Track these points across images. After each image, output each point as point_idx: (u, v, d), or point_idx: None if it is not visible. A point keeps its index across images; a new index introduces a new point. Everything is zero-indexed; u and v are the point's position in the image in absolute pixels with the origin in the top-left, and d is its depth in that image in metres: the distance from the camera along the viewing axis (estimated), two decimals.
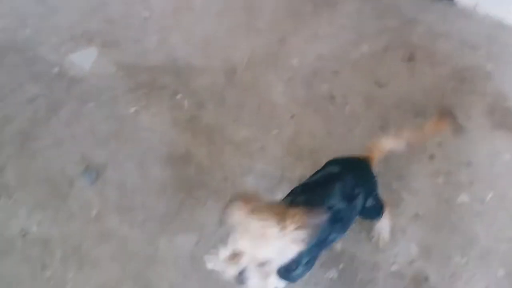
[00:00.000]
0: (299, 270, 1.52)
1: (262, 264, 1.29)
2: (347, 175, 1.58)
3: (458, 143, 2.18)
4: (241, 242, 1.29)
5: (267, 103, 2.29)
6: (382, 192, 1.77)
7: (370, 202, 1.68)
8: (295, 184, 1.86)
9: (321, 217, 1.40)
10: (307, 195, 1.52)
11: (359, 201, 1.60)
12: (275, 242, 1.28)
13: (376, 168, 1.72)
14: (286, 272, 1.50)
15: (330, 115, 2.31)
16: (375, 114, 2.28)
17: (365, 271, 1.89)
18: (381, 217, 1.84)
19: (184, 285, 1.87)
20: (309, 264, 1.55)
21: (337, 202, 1.51)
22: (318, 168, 1.82)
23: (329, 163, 1.71)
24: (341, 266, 1.92)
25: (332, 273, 1.91)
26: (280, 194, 2.00)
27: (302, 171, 2.12)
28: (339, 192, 1.53)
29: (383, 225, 1.92)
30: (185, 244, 1.93)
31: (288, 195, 1.60)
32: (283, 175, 2.12)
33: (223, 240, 1.41)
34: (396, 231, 1.97)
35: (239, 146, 2.17)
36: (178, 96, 2.30)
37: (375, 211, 1.76)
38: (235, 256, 1.30)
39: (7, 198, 2.00)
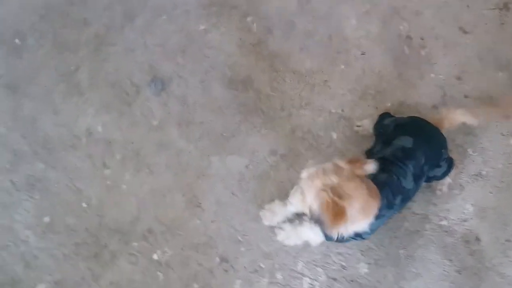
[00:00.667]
0: (353, 239, 1.61)
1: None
2: (419, 151, 1.61)
3: None
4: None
5: (338, 36, 2.16)
6: (449, 146, 1.71)
7: (437, 172, 1.73)
8: (352, 122, 1.99)
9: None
10: (386, 173, 1.56)
11: (423, 178, 1.66)
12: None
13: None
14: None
15: (403, 56, 2.17)
16: (453, 62, 2.12)
17: (413, 221, 1.87)
18: (446, 177, 1.81)
19: (229, 202, 1.97)
20: (363, 236, 1.62)
21: (408, 183, 1.58)
22: (380, 112, 1.89)
23: (400, 129, 1.72)
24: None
25: None
26: (335, 134, 1.95)
27: (362, 112, 2.08)
28: (412, 173, 1.58)
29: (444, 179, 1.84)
30: (236, 165, 2.00)
31: None
32: (342, 113, 2.08)
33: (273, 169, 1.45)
34: (454, 187, 1.90)
35: (302, 77, 2.11)
36: (248, 19, 2.23)
37: (441, 176, 1.78)
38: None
39: (78, 97, 2.11)
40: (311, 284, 1.80)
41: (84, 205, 1.96)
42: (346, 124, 2.05)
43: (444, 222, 1.86)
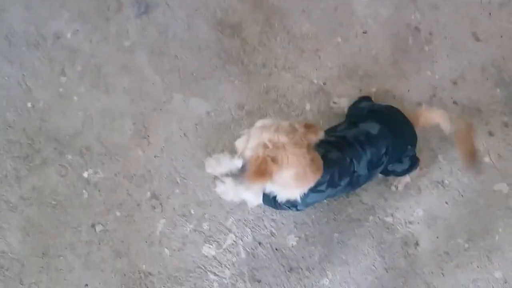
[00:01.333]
0: (288, 208, 1.85)
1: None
2: (382, 140, 1.84)
3: None
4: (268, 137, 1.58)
5: (345, 9, 2.43)
6: (417, 145, 1.98)
7: (397, 167, 1.96)
8: (330, 98, 2.23)
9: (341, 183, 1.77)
10: (340, 152, 1.78)
11: (380, 168, 1.89)
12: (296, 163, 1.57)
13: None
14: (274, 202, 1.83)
15: (405, 47, 2.44)
16: (454, 65, 2.40)
17: (358, 209, 2.15)
18: (406, 175, 2.07)
19: (178, 142, 2.24)
20: (298, 207, 1.85)
21: (361, 169, 1.81)
22: (362, 94, 2.14)
23: (372, 114, 1.96)
24: None
25: (326, 200, 2.16)
26: (308, 105, 2.21)
27: (344, 90, 2.35)
28: (367, 159, 1.81)
29: (403, 176, 2.12)
30: (197, 109, 2.28)
31: (322, 142, 1.79)
32: (323, 86, 2.35)
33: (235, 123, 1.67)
34: (411, 187, 2.15)
35: (295, 39, 2.38)
36: None
37: (400, 172, 2.02)
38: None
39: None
40: (234, 241, 2.08)
41: (29, 105, 2.23)
42: (323, 98, 2.32)
43: (388, 219, 2.14)
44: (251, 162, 1.54)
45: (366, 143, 1.81)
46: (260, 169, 1.52)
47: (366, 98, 2.17)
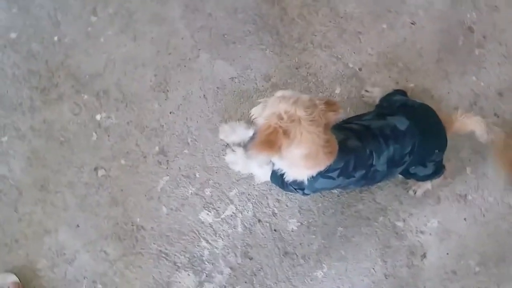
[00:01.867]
0: (294, 190, 1.78)
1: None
2: (409, 138, 1.73)
3: None
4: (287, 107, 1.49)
5: None
6: (446, 152, 1.88)
7: (419, 170, 1.86)
8: (363, 86, 2.15)
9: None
10: (360, 142, 1.69)
11: (400, 168, 1.79)
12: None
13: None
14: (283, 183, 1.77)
15: (454, 46, 2.32)
16: (504, 75, 2.27)
17: (369, 207, 2.07)
18: (427, 181, 1.98)
19: (196, 103, 2.22)
20: (305, 190, 1.78)
21: (380, 164, 1.71)
22: (399, 88, 2.06)
23: (404, 109, 1.85)
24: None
25: (337, 191, 2.10)
26: (339, 89, 2.13)
27: (380, 80, 2.25)
28: (389, 156, 1.71)
29: (424, 182, 2.02)
30: (222, 72, 2.24)
31: (343, 128, 1.77)
32: (358, 72, 2.27)
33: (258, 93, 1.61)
34: (430, 196, 2.06)
35: (337, 17, 2.32)
36: None
37: (422, 177, 1.92)
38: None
39: None
40: (234, 213, 2.04)
41: (55, 39, 2.24)
42: (356, 84, 2.23)
43: (399, 224, 2.05)
44: (260, 131, 1.46)
45: (390, 138, 1.71)
46: (269, 139, 1.45)
47: (401, 92, 2.08)
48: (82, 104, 2.15)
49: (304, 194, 1.78)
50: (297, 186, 1.71)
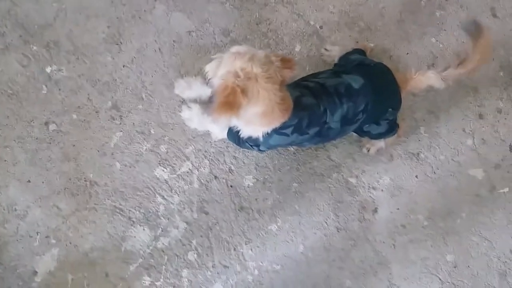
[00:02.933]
0: (250, 147, 1.88)
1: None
2: (363, 97, 1.82)
3: None
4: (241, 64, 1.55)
5: None
6: (401, 112, 2.01)
7: (373, 129, 1.96)
8: (323, 44, 2.23)
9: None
10: (314, 99, 1.77)
11: (354, 126, 1.89)
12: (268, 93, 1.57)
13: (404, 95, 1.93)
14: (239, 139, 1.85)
15: (416, 7, 2.40)
16: (462, 38, 2.39)
17: (324, 164, 2.20)
18: (381, 139, 2.09)
19: (151, 56, 2.24)
20: (260, 147, 1.88)
21: (334, 122, 1.80)
22: (358, 47, 2.13)
23: (360, 68, 1.93)
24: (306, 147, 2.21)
25: (292, 147, 2.21)
26: (299, 47, 2.22)
27: (340, 39, 2.33)
28: (343, 113, 1.80)
29: (378, 140, 2.14)
30: (179, 25, 2.27)
31: (298, 85, 1.85)
32: (319, 30, 2.34)
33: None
34: (383, 154, 2.19)
35: None
36: None
37: (375, 135, 2.04)
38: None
39: None
40: (190, 170, 2.12)
41: None
42: (316, 42, 2.30)
43: (352, 180, 2.18)
44: (219, 92, 1.52)
45: (344, 96, 1.80)
46: (228, 100, 1.50)
47: (360, 51, 2.16)
48: (31, 55, 2.14)
49: (259, 150, 1.88)
50: (253, 143, 1.80)
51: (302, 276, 2.12)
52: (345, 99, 1.80)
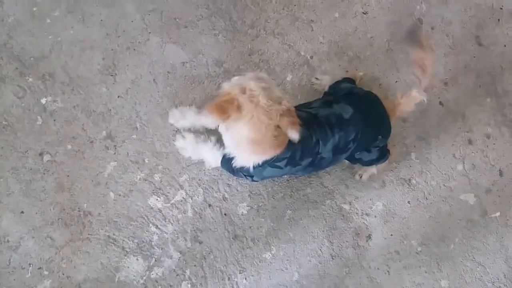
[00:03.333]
0: (244, 176, 1.94)
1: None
2: (353, 126, 1.90)
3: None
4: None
5: None
6: (392, 138, 2.10)
7: (364, 156, 2.04)
8: (314, 73, 2.35)
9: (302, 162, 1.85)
10: (307, 131, 1.83)
11: (345, 154, 1.97)
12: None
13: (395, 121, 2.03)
14: (233, 168, 1.93)
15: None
16: (450, 66, 2.50)
17: (317, 191, 2.25)
18: (373, 166, 2.16)
19: (145, 87, 2.32)
20: (253, 178, 1.95)
21: (326, 152, 1.89)
22: (348, 76, 2.22)
23: (349, 97, 2.02)
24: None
25: (286, 175, 2.26)
26: (290, 76, 2.37)
27: (330, 69, 2.43)
28: (334, 143, 1.89)
29: (370, 167, 2.20)
30: (173, 56, 2.36)
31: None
32: (309, 60, 2.44)
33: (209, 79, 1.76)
34: (376, 180, 2.25)
35: (291, 5, 2.47)
36: None
37: (367, 162, 2.11)
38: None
39: None
40: (184, 198, 2.16)
41: None
42: (307, 72, 2.39)
43: (346, 206, 2.23)
44: (219, 95, 1.64)
45: (336, 126, 1.88)
46: (222, 105, 1.61)
47: (349, 80, 2.24)
48: (27, 87, 2.20)
49: (253, 181, 1.93)
50: (246, 173, 1.84)
51: None
52: (336, 129, 1.87)
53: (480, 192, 2.32)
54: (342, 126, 1.88)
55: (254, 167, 1.75)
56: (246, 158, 1.73)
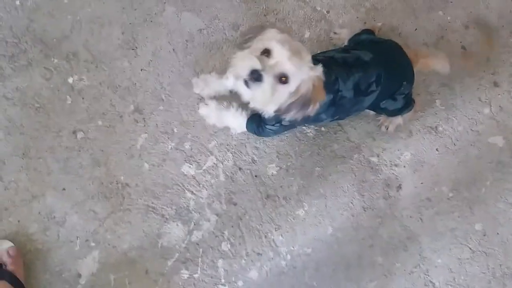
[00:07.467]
0: (275, 127, 2.15)
1: (278, 77, 1.80)
2: (373, 68, 2.05)
3: None
4: (275, 45, 1.77)
5: None
6: (415, 87, 2.26)
7: (389, 105, 2.20)
8: (332, 28, 2.54)
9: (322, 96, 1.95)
10: (325, 68, 1.94)
11: (368, 98, 2.12)
12: (300, 70, 1.80)
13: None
14: (262, 122, 2.14)
15: None
16: (469, 8, 2.65)
17: (344, 146, 2.47)
18: (398, 116, 2.35)
19: (166, 57, 2.52)
20: (284, 128, 2.17)
21: (346, 90, 2.02)
22: (366, 27, 2.40)
23: (370, 45, 2.18)
24: (323, 128, 2.50)
25: (311, 131, 2.50)
26: (308, 33, 2.55)
27: (348, 22, 2.60)
28: (354, 82, 2.02)
29: (395, 117, 2.39)
30: (189, 24, 2.55)
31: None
32: (326, 15, 2.63)
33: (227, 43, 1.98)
34: (402, 130, 2.46)
35: None
36: None
37: (392, 112, 2.28)
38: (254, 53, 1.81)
39: None
40: (215, 164, 2.42)
41: (17, 3, 2.51)
42: (324, 27, 2.58)
43: (374, 159, 2.46)
44: (311, 87, 1.83)
45: (354, 66, 2.01)
46: (314, 96, 1.85)
47: (368, 32, 2.41)
48: (53, 68, 2.45)
49: (281, 126, 2.14)
50: (275, 120, 2.07)
51: (334, 257, 2.38)
52: (354, 69, 2.01)
53: (509, 133, 2.51)
54: (361, 66, 2.02)
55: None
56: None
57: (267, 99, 1.82)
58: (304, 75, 1.79)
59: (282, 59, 1.68)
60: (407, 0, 2.58)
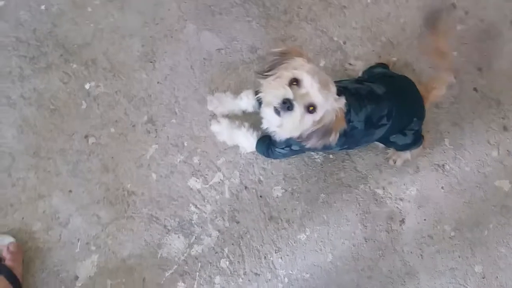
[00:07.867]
0: (284, 151, 2.22)
1: (307, 107, 1.87)
2: (385, 102, 2.13)
3: None
4: (306, 76, 1.83)
5: None
6: (426, 124, 2.35)
7: (399, 139, 2.27)
8: (347, 59, 2.63)
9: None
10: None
11: (378, 131, 2.19)
12: (327, 101, 1.88)
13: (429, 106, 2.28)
14: (272, 144, 2.20)
15: None
16: (483, 51, 2.76)
17: (351, 175, 2.54)
18: (407, 151, 2.42)
19: (183, 73, 2.64)
20: (293, 152, 2.24)
21: (358, 121, 2.09)
22: (381, 61, 2.49)
23: (384, 79, 2.26)
24: (331, 156, 2.57)
25: (319, 158, 2.58)
26: (323, 62, 2.67)
27: (363, 54, 2.71)
28: (366, 114, 2.09)
29: (404, 152, 2.47)
30: (208, 43, 2.68)
31: None
32: (342, 45, 2.73)
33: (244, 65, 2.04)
34: (410, 165, 2.54)
35: None
36: None
37: (401, 146, 2.35)
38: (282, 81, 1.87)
39: None
40: (221, 180, 2.50)
41: (43, 7, 2.64)
42: (340, 57, 2.69)
43: (379, 191, 2.53)
44: (335, 118, 1.89)
45: (366, 98, 2.06)
46: (336, 126, 1.93)
47: (383, 65, 2.52)
48: (71, 73, 2.56)
49: (291, 150, 2.21)
50: (285, 144, 2.15)
51: (332, 284, 2.42)
52: (367, 101, 2.08)
53: None
54: (374, 99, 2.08)
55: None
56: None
57: (295, 127, 1.89)
58: (329, 105, 1.87)
59: (312, 90, 1.75)
60: (423, 38, 2.66)
